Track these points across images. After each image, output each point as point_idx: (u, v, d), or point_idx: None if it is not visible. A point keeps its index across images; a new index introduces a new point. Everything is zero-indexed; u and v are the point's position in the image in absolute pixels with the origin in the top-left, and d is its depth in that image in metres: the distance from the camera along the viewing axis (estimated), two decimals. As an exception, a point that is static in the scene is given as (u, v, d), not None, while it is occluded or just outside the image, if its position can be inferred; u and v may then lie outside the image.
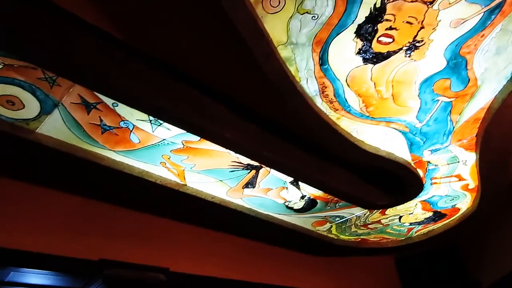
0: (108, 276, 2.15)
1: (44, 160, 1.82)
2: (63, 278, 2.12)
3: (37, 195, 2.07)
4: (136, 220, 2.36)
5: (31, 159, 1.82)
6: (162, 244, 2.44)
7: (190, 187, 2.16)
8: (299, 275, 3.30)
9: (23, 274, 2.02)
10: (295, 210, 2.54)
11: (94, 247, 2.15)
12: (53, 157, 1.77)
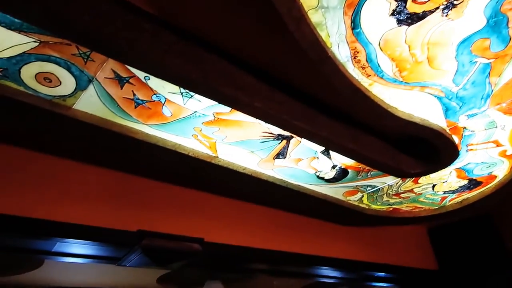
0: (146, 246, 2.23)
1: (81, 135, 1.88)
2: (105, 248, 2.22)
3: (77, 170, 2.15)
4: (171, 192, 2.43)
5: (69, 135, 1.89)
6: (196, 216, 2.51)
7: (221, 159, 2.19)
8: (330, 244, 3.32)
9: (67, 245, 2.12)
10: (326, 180, 2.54)
11: (132, 219, 2.24)
12: (90, 132, 1.83)
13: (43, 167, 2.06)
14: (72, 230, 2.03)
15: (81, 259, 2.35)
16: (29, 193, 1.98)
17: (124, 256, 2.33)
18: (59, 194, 2.06)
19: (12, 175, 1.97)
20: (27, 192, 1.98)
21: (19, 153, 2.02)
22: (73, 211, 2.06)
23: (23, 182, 1.99)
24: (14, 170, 1.98)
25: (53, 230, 2.00)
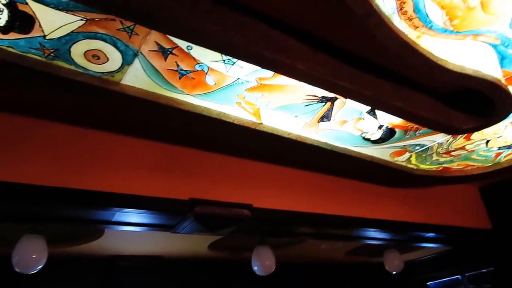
0: (198, 213, 2.32)
1: (130, 110, 1.95)
2: (160, 216, 2.34)
3: (129, 144, 2.26)
4: (219, 161, 2.50)
5: (119, 110, 1.96)
6: (244, 183, 2.57)
7: (266, 125, 2.20)
8: (377, 206, 3.30)
9: (125, 214, 2.25)
10: (372, 141, 2.49)
11: (183, 188, 2.33)
12: (138, 106, 1.89)
13: (98, 142, 2.18)
14: (129, 200, 2.15)
15: (138, 228, 2.49)
16: (88, 168, 2.10)
17: (178, 224, 2.45)
18: (115, 167, 2.18)
19: (71, 151, 2.09)
20: (86, 167, 2.10)
21: (74, 131, 2.14)
22: (129, 183, 2.17)
23: (81, 158, 2.11)
24: (72, 147, 2.10)
25: (112, 201, 2.12)
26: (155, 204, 2.23)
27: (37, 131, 2.05)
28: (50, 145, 2.06)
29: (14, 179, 1.92)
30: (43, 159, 2.02)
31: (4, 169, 1.91)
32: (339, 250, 5.00)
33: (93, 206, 2.13)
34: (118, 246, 3.99)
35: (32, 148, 2.01)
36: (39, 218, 2.34)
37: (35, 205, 2.08)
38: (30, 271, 3.09)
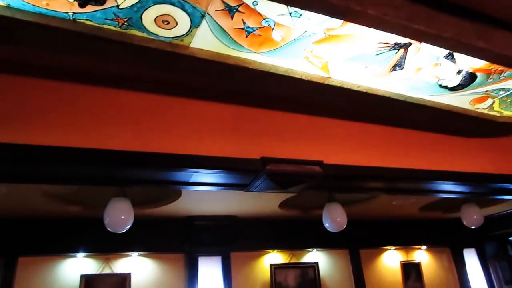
0: (270, 171, 2.36)
1: (200, 72, 1.99)
2: (233, 175, 2.41)
3: (201, 108, 2.33)
4: (288, 119, 2.50)
5: (189, 74, 2.02)
6: (314, 140, 2.56)
7: (334, 79, 2.15)
8: (455, 159, 3.13)
9: (202, 175, 2.35)
10: (450, 88, 2.33)
11: (255, 148, 2.37)
12: (207, 68, 1.93)
13: (173, 108, 2.27)
14: (205, 161, 2.24)
15: (214, 187, 2.60)
16: (166, 133, 2.21)
17: (251, 182, 2.52)
18: (190, 131, 2.27)
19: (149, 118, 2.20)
20: (164, 132, 2.21)
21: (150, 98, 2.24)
22: (204, 145, 2.26)
23: (159, 123, 2.22)
24: (150, 114, 2.22)
25: (189, 163, 2.23)
26: (229, 164, 2.30)
27: (117, 101, 2.17)
28: (130, 113, 2.18)
29: (101, 146, 2.07)
30: (125, 127, 2.16)
31: (92, 138, 2.07)
32: (412, 205, 4.88)
33: (172, 168, 2.24)
34: (194, 207, 4.23)
35: (114, 117, 2.15)
36: (124, 181, 2.52)
37: (120, 169, 2.24)
38: (120, 231, 3.40)
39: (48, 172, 2.22)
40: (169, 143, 2.20)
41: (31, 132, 1.97)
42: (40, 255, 4.20)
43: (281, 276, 5.06)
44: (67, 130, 2.04)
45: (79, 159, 2.06)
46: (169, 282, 4.58)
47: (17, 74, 2.03)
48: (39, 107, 2.03)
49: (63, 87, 2.11)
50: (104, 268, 4.41)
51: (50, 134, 2.00)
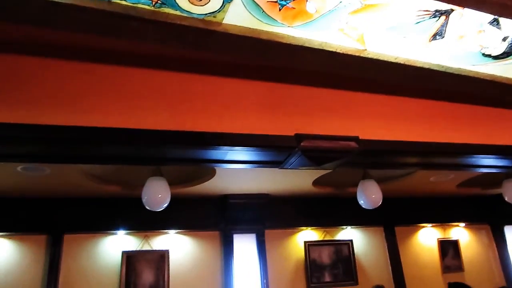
0: (305, 147, 2.35)
1: (233, 49, 1.98)
2: (268, 153, 2.41)
3: (234, 85, 2.33)
4: (322, 95, 2.47)
5: (223, 51, 2.01)
6: (349, 115, 2.52)
7: (370, 51, 2.08)
8: (498, 132, 3.00)
9: (236, 153, 2.36)
10: (494, 57, 2.21)
11: (289, 124, 2.36)
12: (240, 44, 1.91)
13: (206, 86, 2.28)
14: (239, 139, 2.25)
15: (248, 165, 2.62)
16: (200, 111, 2.23)
17: (285, 159, 2.51)
18: (223, 109, 2.28)
19: (183, 97, 2.23)
20: (198, 110, 2.23)
21: (183, 77, 2.26)
22: (238, 123, 2.27)
23: (193, 102, 2.24)
24: (183, 93, 2.24)
25: (224, 141, 2.24)
26: (263, 142, 2.30)
27: (153, 81, 2.21)
28: (165, 93, 2.21)
29: (138, 126, 2.12)
30: (160, 107, 2.19)
31: (129, 118, 2.12)
32: (450, 182, 4.75)
33: (207, 146, 2.27)
34: (229, 186, 4.29)
35: (150, 97, 2.19)
36: (160, 160, 2.58)
37: (157, 148, 2.28)
38: (158, 209, 3.51)
39: (87, 152, 2.30)
40: (204, 121, 2.22)
41: (70, 113, 2.03)
42: (83, 233, 4.42)
43: (316, 253, 5.10)
44: (105, 111, 2.10)
45: (117, 139, 2.12)
46: (205, 258, 4.72)
47: (56, 58, 2.09)
48: (77, 90, 2.09)
49: (100, 69, 2.15)
50: (143, 245, 4.58)
51: (88, 115, 2.06)
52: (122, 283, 4.35)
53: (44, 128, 1.97)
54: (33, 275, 4.16)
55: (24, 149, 2.17)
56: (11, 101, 1.96)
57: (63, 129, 2.00)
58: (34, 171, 3.42)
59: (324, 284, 4.99)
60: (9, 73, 2.00)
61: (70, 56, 2.10)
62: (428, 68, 2.24)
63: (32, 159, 2.48)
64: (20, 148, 2.16)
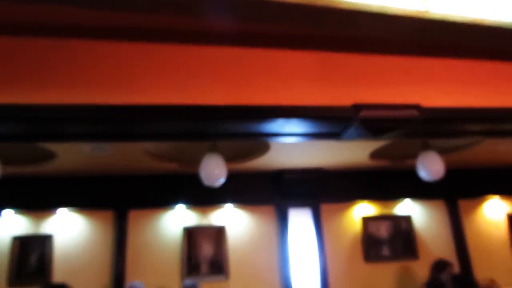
0: (363, 118, 2.28)
1: (286, 19, 1.93)
2: (325, 124, 2.37)
3: (287, 57, 2.29)
4: (380, 61, 2.36)
5: (274, 21, 1.97)
6: (409, 82, 2.39)
7: (434, 12, 1.94)
8: None
9: (293, 125, 2.33)
10: None
11: (346, 94, 2.29)
12: (293, 13, 1.86)
13: (259, 60, 2.26)
14: (296, 111, 2.22)
15: (305, 138, 2.59)
16: (254, 85, 2.23)
17: (342, 131, 2.46)
18: (278, 81, 2.25)
19: (237, 71, 2.23)
20: (252, 84, 2.23)
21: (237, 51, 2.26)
22: (293, 95, 2.24)
23: (247, 76, 2.24)
24: (238, 67, 2.24)
25: (279, 113, 2.23)
26: (319, 113, 2.26)
27: (207, 57, 2.22)
28: (220, 68, 2.22)
29: (194, 102, 2.16)
30: (216, 82, 2.21)
31: (186, 95, 2.16)
32: (521, 151, 4.42)
33: (263, 120, 2.27)
34: (283, 160, 4.30)
35: (205, 73, 2.21)
36: (217, 135, 2.62)
37: (213, 123, 2.32)
38: (215, 184, 3.60)
39: (147, 130, 2.39)
40: (259, 95, 2.21)
41: (130, 93, 2.11)
42: (146, 208, 4.66)
43: (373, 228, 5.02)
44: (162, 89, 2.16)
45: (175, 116, 2.18)
46: (261, 233, 4.81)
47: (113, 39, 2.16)
48: (136, 69, 2.16)
49: (156, 49, 2.20)
50: (202, 220, 4.76)
51: (147, 93, 2.13)
52: (184, 256, 4.57)
53: (106, 108, 2.07)
54: (103, 247, 4.49)
55: (89, 129, 2.30)
56: (74, 84, 2.07)
57: (124, 108, 2.08)
58: (100, 151, 3.63)
59: (383, 258, 4.92)
60: (71, 57, 2.10)
61: (127, 37, 2.16)
62: (498, 27, 2.05)
63: (96, 138, 2.62)
64: (85, 128, 2.30)
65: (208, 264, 4.62)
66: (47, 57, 2.08)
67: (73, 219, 4.56)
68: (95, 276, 4.36)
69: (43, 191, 4.40)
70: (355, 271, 4.82)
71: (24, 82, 2.03)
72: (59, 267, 4.36)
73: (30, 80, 2.05)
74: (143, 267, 4.46)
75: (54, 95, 2.03)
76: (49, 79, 2.06)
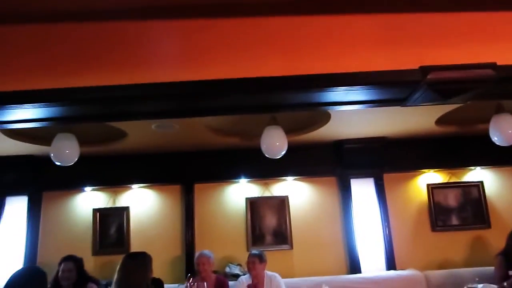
0: (432, 80, 2.16)
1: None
2: (389, 90, 2.28)
3: (346, 23, 2.21)
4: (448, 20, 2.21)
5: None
6: (483, 39, 2.22)
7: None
8: None
9: (355, 93, 2.27)
10: None
11: (412, 57, 2.17)
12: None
13: (316, 27, 2.21)
14: (358, 78, 2.16)
15: (368, 105, 2.52)
16: (312, 54, 2.19)
17: (408, 96, 2.36)
18: (337, 48, 2.20)
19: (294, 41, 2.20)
20: (310, 53, 2.19)
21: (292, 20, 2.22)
22: (354, 61, 2.17)
23: (304, 45, 2.20)
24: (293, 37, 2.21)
25: (341, 81, 2.18)
26: (383, 78, 2.17)
27: (264, 29, 2.21)
28: (277, 38, 2.21)
29: (254, 75, 2.17)
30: (274, 53, 2.21)
31: (246, 68, 2.18)
32: None
33: (324, 88, 2.23)
34: (344, 130, 4.24)
35: (263, 45, 2.21)
36: (278, 107, 2.63)
37: (273, 95, 2.33)
38: (276, 156, 3.65)
39: (210, 104, 2.46)
40: (319, 63, 2.18)
41: (194, 69, 2.18)
42: (211, 182, 4.85)
43: (440, 196, 4.83)
44: (224, 63, 2.19)
45: (234, 89, 2.22)
46: (324, 203, 4.83)
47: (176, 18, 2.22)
48: (197, 46, 2.21)
49: (215, 24, 2.23)
50: (264, 191, 4.86)
51: (209, 69, 2.17)
52: (248, 226, 4.73)
53: (173, 85, 2.15)
54: (174, 219, 4.78)
55: (156, 106, 2.42)
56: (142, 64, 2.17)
57: (189, 84, 2.15)
58: (166, 128, 3.81)
59: (451, 227, 4.74)
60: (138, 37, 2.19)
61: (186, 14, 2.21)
62: None
63: (163, 115, 2.74)
64: (153, 106, 2.42)
65: (272, 234, 4.74)
66: (116, 40, 2.20)
67: (145, 193, 4.87)
68: (168, 246, 4.67)
69: (117, 169, 4.74)
70: (422, 241, 4.70)
71: (99, 66, 2.18)
72: (136, 238, 4.72)
73: (103, 63, 2.18)
74: (211, 238, 4.69)
75: (125, 76, 2.15)
76: (119, 61, 2.18)
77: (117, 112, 2.51)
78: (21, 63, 2.19)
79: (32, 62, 2.19)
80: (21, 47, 2.21)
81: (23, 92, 2.13)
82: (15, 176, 4.64)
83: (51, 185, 4.74)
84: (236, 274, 4.28)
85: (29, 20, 2.19)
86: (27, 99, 2.14)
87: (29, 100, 2.15)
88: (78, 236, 4.71)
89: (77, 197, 4.86)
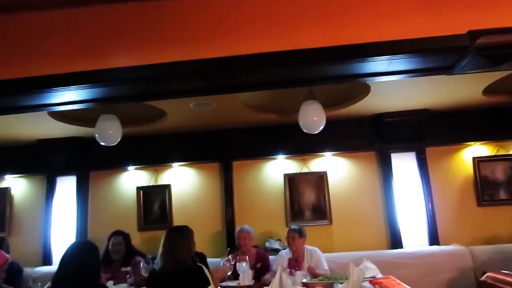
0: (481, 45, 2.04)
1: None
2: (435, 57, 2.17)
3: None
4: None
5: None
6: (539, -3, 2.06)
7: None
8: None
9: (399, 62, 2.17)
10: None
11: (458, 21, 2.05)
12: None
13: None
14: (401, 46, 2.07)
15: (411, 75, 2.42)
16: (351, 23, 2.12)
17: (456, 63, 2.25)
18: (379, 15, 2.11)
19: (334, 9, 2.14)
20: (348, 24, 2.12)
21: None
22: (397, 28, 2.08)
23: (344, 13, 2.13)
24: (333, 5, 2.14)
25: (382, 50, 2.10)
26: (428, 45, 2.06)
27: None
28: (314, 9, 2.15)
29: (292, 47, 2.14)
30: (311, 24, 2.15)
31: (283, 41, 2.15)
32: None
33: (365, 58, 2.16)
34: (384, 104, 4.12)
35: (301, 16, 2.16)
36: (315, 79, 2.57)
37: (313, 67, 2.27)
38: (314, 131, 3.61)
39: (247, 80, 2.45)
40: (358, 32, 2.10)
41: (231, 44, 2.16)
42: (248, 159, 4.89)
43: (487, 170, 4.63)
44: (260, 38, 2.17)
45: (273, 63, 2.19)
46: (363, 179, 4.76)
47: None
48: (232, 21, 2.20)
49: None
50: (302, 167, 4.85)
51: (246, 43, 2.16)
52: (287, 202, 4.75)
53: (210, 61, 2.16)
54: (214, 195, 4.88)
55: (195, 83, 2.44)
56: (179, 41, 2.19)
57: (222, 60, 2.15)
58: (203, 106, 3.85)
59: (500, 201, 4.55)
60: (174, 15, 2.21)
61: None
62: None
63: (201, 92, 2.76)
64: (191, 83, 2.44)
65: (311, 210, 4.75)
66: (152, 19, 2.23)
67: (185, 171, 4.99)
68: (209, 221, 4.79)
69: (158, 148, 4.88)
70: (467, 216, 4.55)
71: (137, 46, 2.22)
72: (178, 214, 4.88)
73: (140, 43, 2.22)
74: (250, 214, 4.75)
75: (161, 55, 2.18)
76: (156, 40, 2.21)
77: (155, 91, 2.56)
78: (63, 47, 2.27)
79: (73, 45, 2.26)
80: (61, 31, 2.29)
81: (67, 75, 2.21)
82: (64, 157, 4.89)
83: (97, 165, 4.97)
84: (276, 248, 4.34)
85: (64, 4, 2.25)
86: (71, 81, 2.23)
87: (73, 82, 2.23)
88: (123, 213, 4.92)
89: (121, 176, 5.05)
